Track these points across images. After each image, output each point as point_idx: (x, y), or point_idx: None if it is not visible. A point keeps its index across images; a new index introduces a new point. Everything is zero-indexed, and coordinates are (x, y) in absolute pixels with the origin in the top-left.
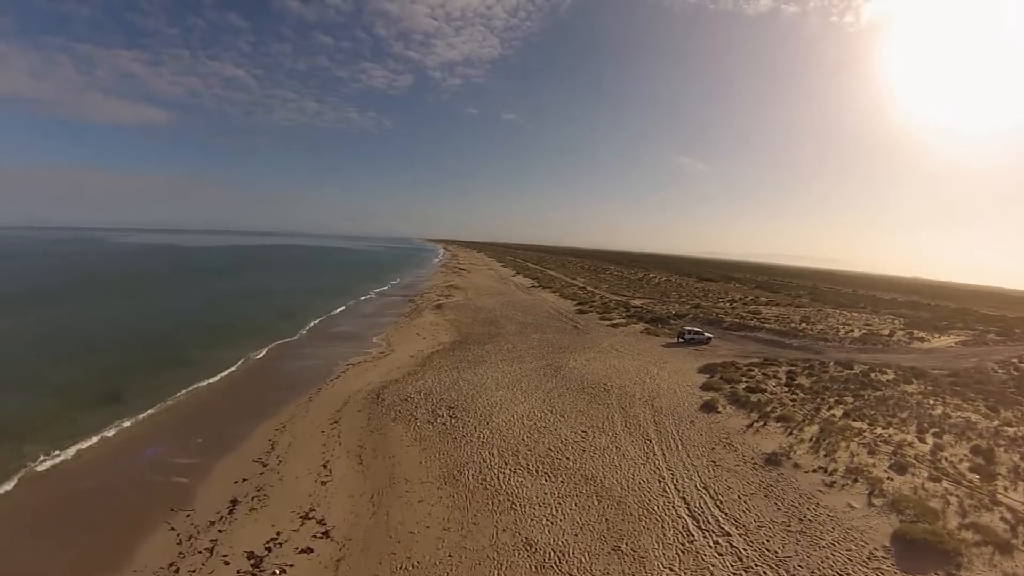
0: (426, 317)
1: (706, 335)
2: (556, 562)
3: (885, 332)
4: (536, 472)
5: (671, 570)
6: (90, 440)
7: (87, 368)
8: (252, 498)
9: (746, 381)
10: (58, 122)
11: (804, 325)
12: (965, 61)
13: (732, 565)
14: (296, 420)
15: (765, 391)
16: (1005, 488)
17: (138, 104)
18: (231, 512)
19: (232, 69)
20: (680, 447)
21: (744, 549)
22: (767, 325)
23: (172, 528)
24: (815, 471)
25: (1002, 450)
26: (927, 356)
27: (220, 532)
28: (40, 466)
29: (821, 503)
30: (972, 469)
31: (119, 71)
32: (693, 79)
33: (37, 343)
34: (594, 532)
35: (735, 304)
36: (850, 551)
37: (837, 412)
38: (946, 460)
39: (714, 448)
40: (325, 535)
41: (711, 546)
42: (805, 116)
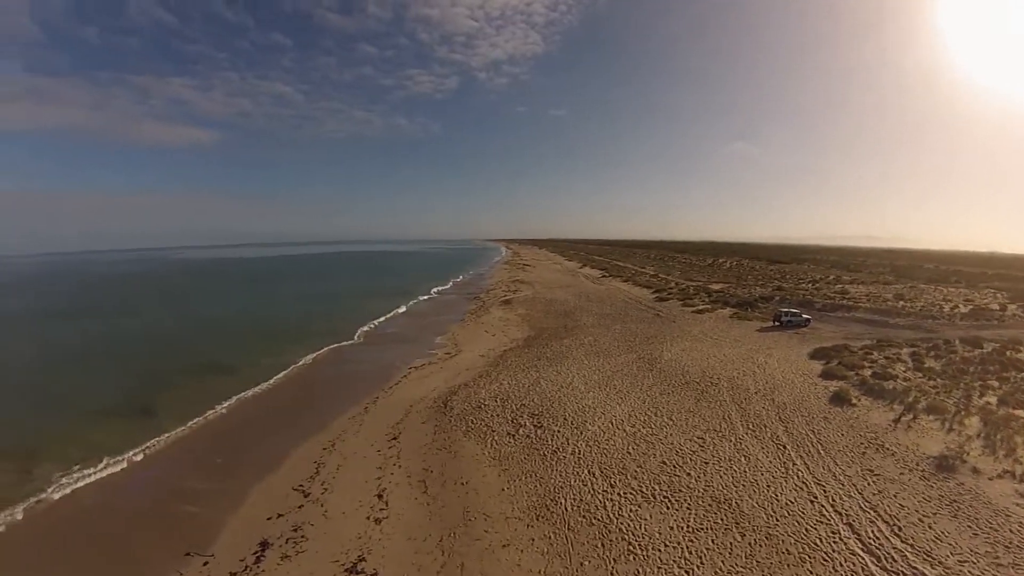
0: (494, 313)
1: (804, 316)
2: None
3: (995, 307)
4: (653, 496)
5: None
6: (109, 464)
7: (124, 380)
8: (287, 540)
9: (869, 366)
10: (115, 150)
11: (902, 303)
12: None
13: None
14: (347, 436)
15: (896, 377)
16: None
17: (191, 127)
18: (258, 560)
19: (280, 86)
20: (822, 452)
21: None
22: (863, 304)
23: None
24: (1001, 476)
25: None
26: None
27: None
28: (56, 492)
29: None
30: None
31: (171, 97)
32: (742, 59)
33: (78, 356)
34: None
35: (818, 284)
36: None
37: (991, 399)
38: None
39: (864, 452)
40: None
41: None
42: (861, 91)
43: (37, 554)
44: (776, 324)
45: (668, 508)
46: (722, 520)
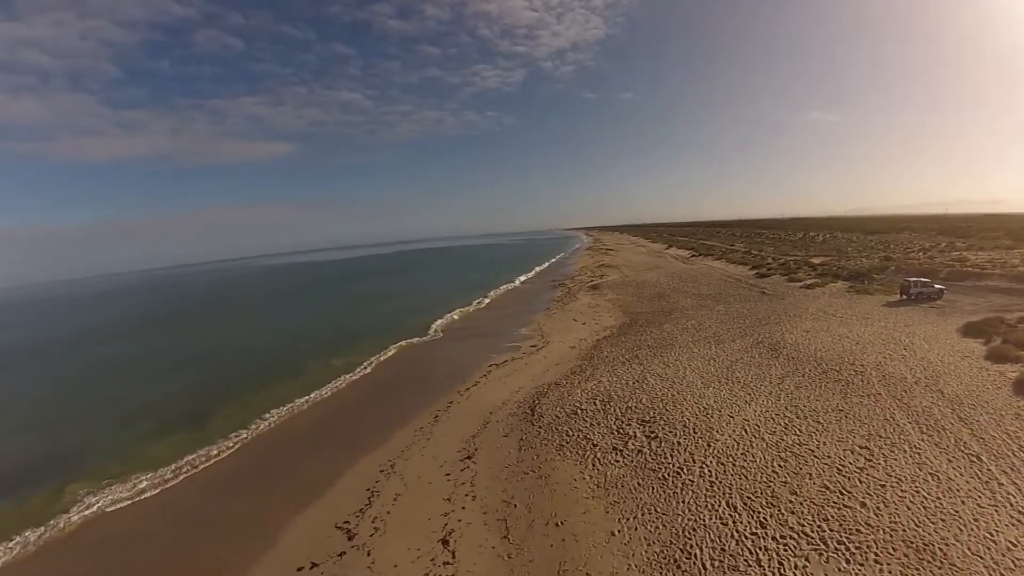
0: (582, 300)
1: (937, 287)
2: None
3: None
4: (823, 543)
5: None
6: (139, 484)
7: (187, 387)
8: None
9: None
10: (197, 171)
11: None
12: None
13: None
14: (411, 454)
15: None
16: None
17: (266, 142)
18: None
19: (347, 94)
20: None
21: None
22: (993, 272)
23: None
24: None
25: None
26: None
27: None
28: (76, 515)
29: None
30: None
31: (245, 115)
32: (818, 24)
33: (142, 363)
34: None
35: (929, 252)
36: None
37: None
38: None
39: None
40: None
41: None
42: (950, 41)
43: None
44: (905, 297)
45: (849, 562)
46: None
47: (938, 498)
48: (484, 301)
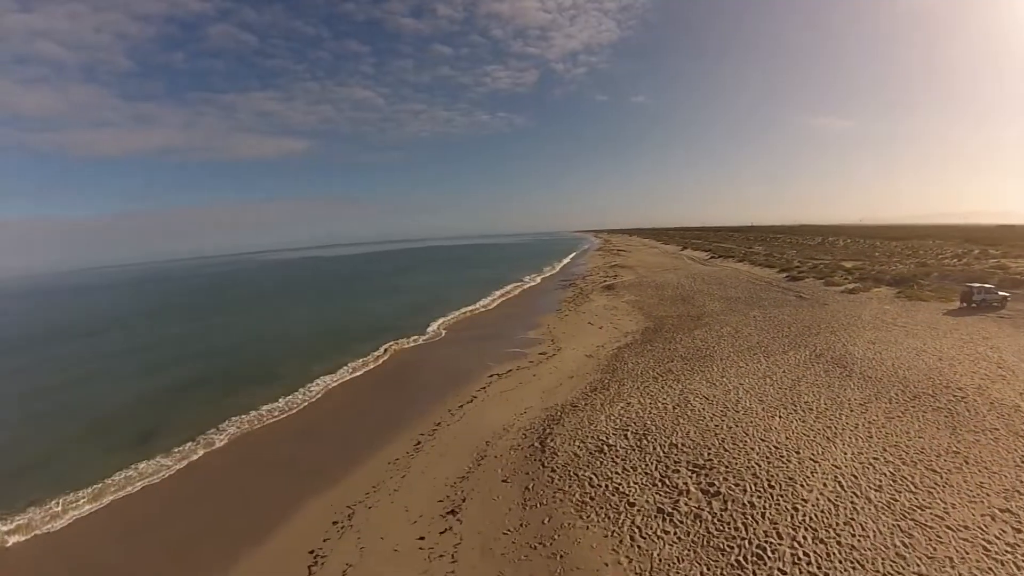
0: (597, 300)
1: (1001, 294)
2: None
3: None
4: None
5: None
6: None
7: (137, 391)
8: None
9: None
10: (210, 165)
11: None
12: None
13: None
14: (378, 498)
15: None
16: None
17: (278, 138)
18: None
19: (360, 91)
20: None
21: None
22: None
23: None
24: None
25: None
26: None
27: None
28: None
29: None
30: None
31: (257, 111)
32: (826, 30)
33: (98, 369)
34: None
35: (964, 259)
36: None
37: None
38: None
39: None
40: None
41: None
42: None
43: None
44: (965, 305)
45: None
46: None
47: None
48: (489, 300)
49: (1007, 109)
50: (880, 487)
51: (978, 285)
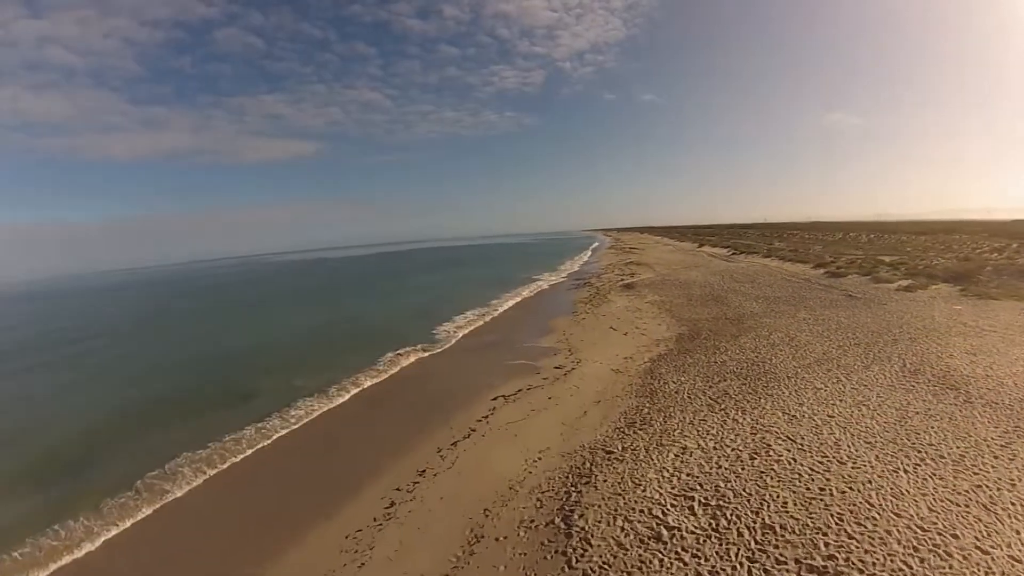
0: (617, 302)
1: None
2: None
3: None
4: None
5: None
6: None
7: (74, 427)
8: None
9: None
10: (219, 168)
11: None
12: None
13: None
14: None
15: None
16: None
17: (286, 140)
18: None
19: (367, 93)
20: None
21: None
22: None
23: None
24: None
25: None
26: None
27: None
28: None
29: None
30: None
31: (265, 114)
32: (837, 23)
33: (61, 385)
34: None
35: (1004, 253)
36: None
37: None
38: None
39: None
40: None
41: None
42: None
43: None
44: None
45: None
46: None
47: None
48: (499, 301)
49: (1015, 104)
50: None
51: None
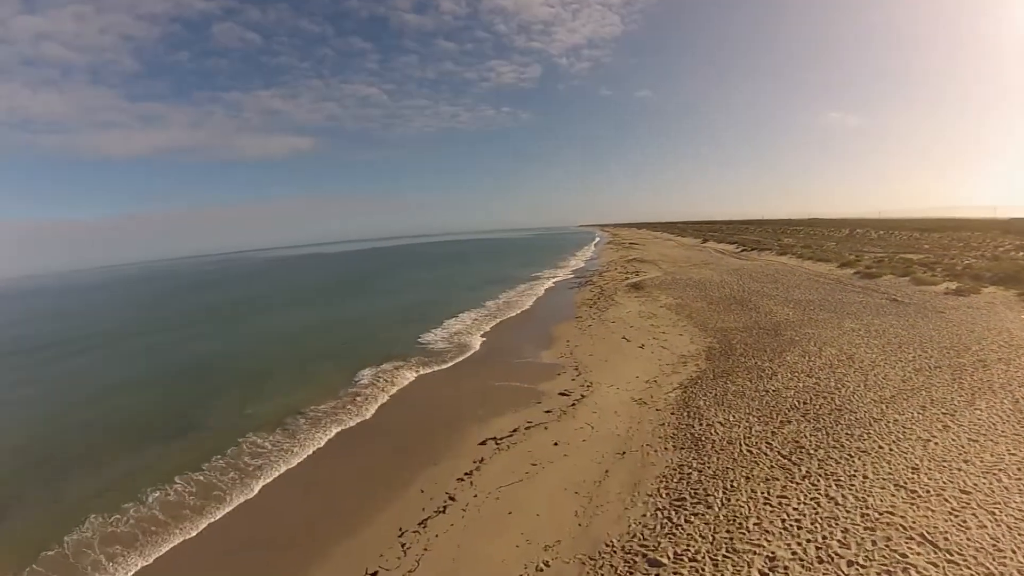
0: (626, 304)
1: None
2: None
3: None
4: None
5: None
6: None
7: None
8: None
9: None
10: (217, 164)
11: None
12: None
13: None
14: None
15: None
16: None
17: (284, 136)
18: None
19: (365, 88)
20: None
21: None
22: None
23: None
24: None
25: None
26: None
27: None
28: None
29: None
30: None
31: (263, 109)
32: (835, 22)
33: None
34: None
35: None
36: None
37: None
38: None
39: None
40: None
41: None
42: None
43: None
44: None
45: None
46: None
47: None
48: (494, 302)
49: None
50: None
51: None
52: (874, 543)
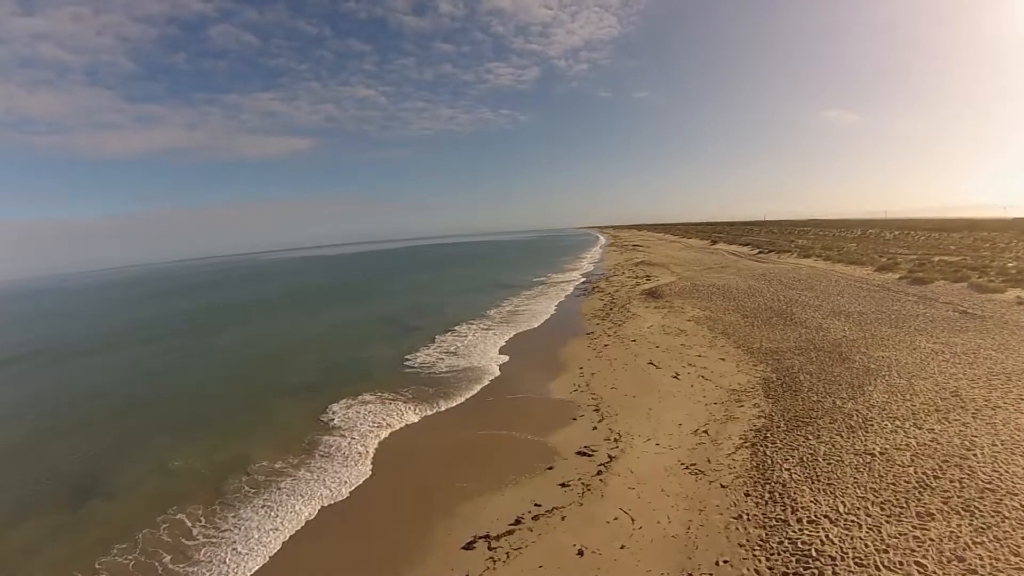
0: (644, 316)
1: None
2: None
3: None
4: None
5: None
6: None
7: None
8: None
9: None
10: (215, 166)
11: None
12: None
13: None
14: None
15: None
16: None
17: (282, 137)
18: None
19: (363, 90)
20: None
21: None
22: None
23: None
24: None
25: None
26: None
27: None
28: None
29: None
30: None
31: (261, 111)
32: (832, 20)
33: None
34: None
35: None
36: None
37: None
38: None
39: None
40: None
41: None
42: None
43: None
44: None
45: None
46: None
47: None
48: (495, 312)
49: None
50: None
51: None
52: None
